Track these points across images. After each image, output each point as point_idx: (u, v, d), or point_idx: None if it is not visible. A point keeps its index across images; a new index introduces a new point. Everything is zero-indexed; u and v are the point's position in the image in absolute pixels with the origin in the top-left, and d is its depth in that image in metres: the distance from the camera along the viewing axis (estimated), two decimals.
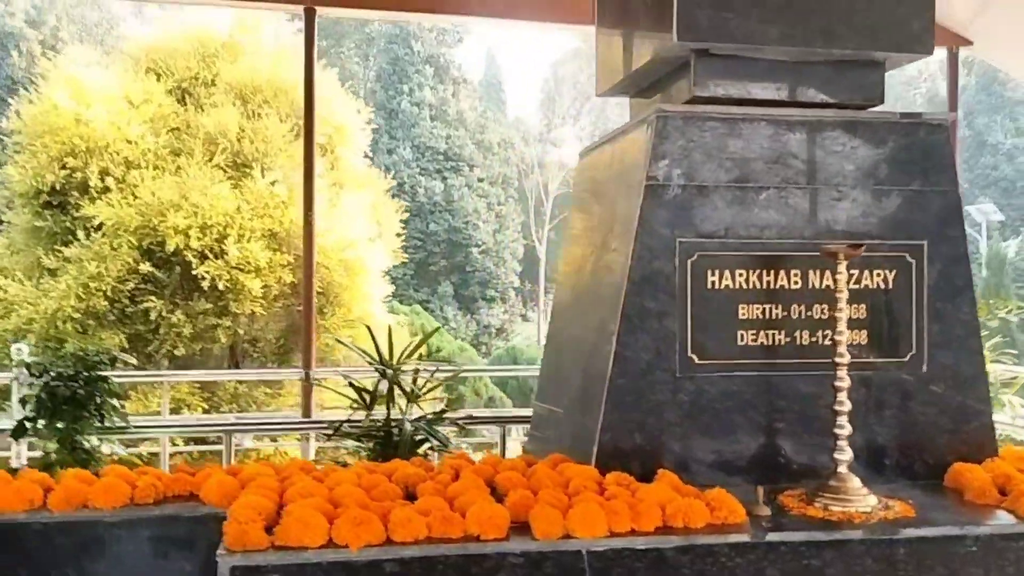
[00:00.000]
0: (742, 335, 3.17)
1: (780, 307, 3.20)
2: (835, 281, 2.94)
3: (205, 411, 8.76)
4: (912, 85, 28.67)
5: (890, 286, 3.24)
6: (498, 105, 38.92)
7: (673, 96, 3.49)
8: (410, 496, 2.78)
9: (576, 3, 6.04)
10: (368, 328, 4.98)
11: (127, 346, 8.64)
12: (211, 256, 8.80)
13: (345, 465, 3.81)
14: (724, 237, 3.16)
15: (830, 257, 2.95)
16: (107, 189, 8.94)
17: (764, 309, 3.19)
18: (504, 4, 6.72)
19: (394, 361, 4.64)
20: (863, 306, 3.23)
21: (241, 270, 8.87)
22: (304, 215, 7.38)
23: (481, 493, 2.68)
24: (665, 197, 3.13)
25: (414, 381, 4.70)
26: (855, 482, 2.88)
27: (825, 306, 3.20)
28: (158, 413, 8.21)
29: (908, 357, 3.25)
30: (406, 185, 27.73)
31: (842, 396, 2.92)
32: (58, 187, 9.04)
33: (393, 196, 12.64)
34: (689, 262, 3.13)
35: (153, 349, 8.83)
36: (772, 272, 3.18)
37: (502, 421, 5.44)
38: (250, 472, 2.92)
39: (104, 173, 9.06)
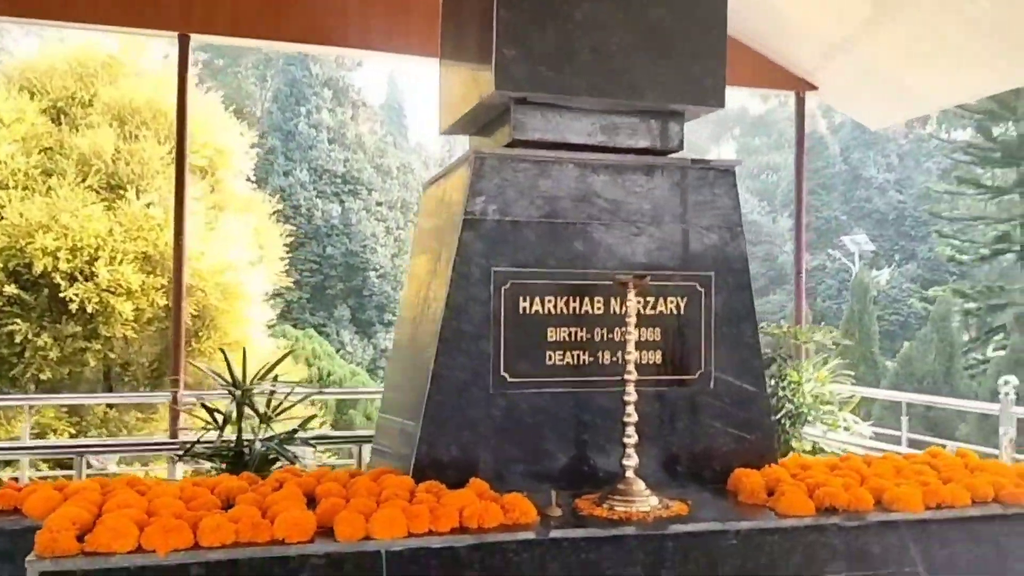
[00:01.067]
0: (550, 355, 3.51)
1: (585, 330, 3.55)
2: (625, 308, 3.31)
3: (72, 436, 8.60)
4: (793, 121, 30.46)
5: (682, 312, 3.65)
6: (399, 130, 39.11)
7: (498, 138, 3.84)
8: (230, 507, 2.97)
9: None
10: (223, 351, 5.12)
11: None
12: (80, 278, 8.70)
13: None
14: (535, 267, 3.49)
15: (621, 286, 3.32)
16: None
17: (570, 332, 3.53)
18: (365, 36, 7.01)
19: (246, 383, 4.80)
20: (658, 329, 3.62)
21: (112, 292, 8.79)
22: (175, 238, 7.42)
23: (295, 502, 2.90)
24: (481, 230, 3.44)
25: (268, 403, 4.87)
26: (639, 485, 3.24)
27: (625, 329, 3.56)
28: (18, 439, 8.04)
29: (697, 375, 3.66)
30: (302, 208, 27.52)
31: (630, 409, 3.27)
32: None
33: (287, 219, 12.71)
34: (503, 289, 3.45)
35: (18, 373, 8.63)
36: (578, 299, 3.54)
37: (355, 440, 5.63)
38: (75, 487, 3.06)
39: None
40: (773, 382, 5.45)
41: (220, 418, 4.86)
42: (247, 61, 33.53)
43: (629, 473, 3.27)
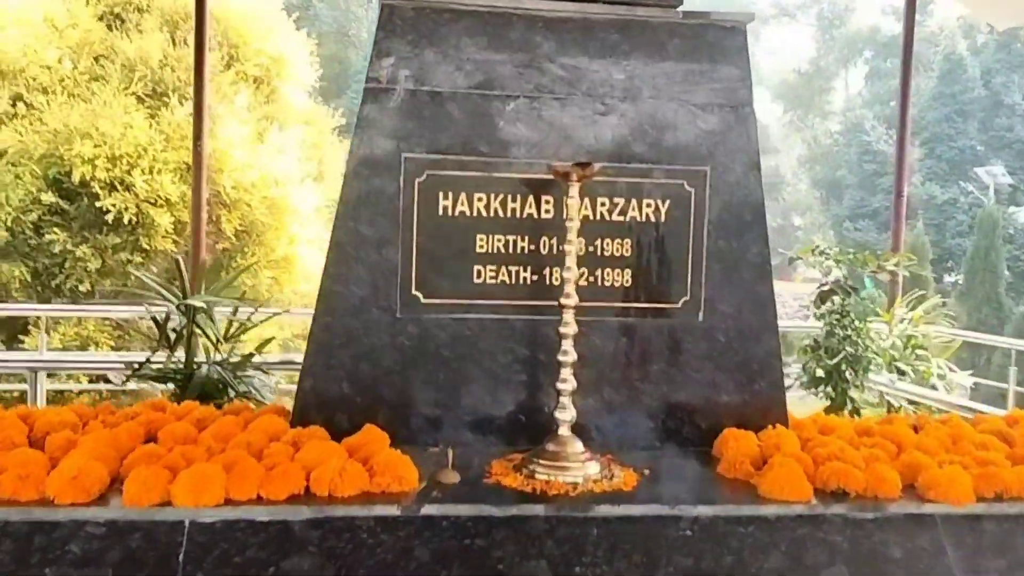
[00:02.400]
0: (479, 271, 2.69)
1: (527, 239, 2.70)
2: (566, 209, 2.45)
3: (113, 348, 8.42)
4: (932, 42, 27.41)
5: (662, 219, 2.74)
6: None
7: None
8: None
9: None
10: (175, 259, 4.53)
11: (29, 280, 8.31)
12: (119, 188, 8.38)
13: None
14: (461, 154, 2.66)
15: (561, 178, 2.45)
16: (17, 115, 8.52)
17: (507, 241, 2.70)
18: None
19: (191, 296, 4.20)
20: (628, 241, 2.73)
21: (151, 203, 8.46)
22: (193, 145, 6.90)
23: (100, 449, 2.25)
24: (389, 103, 2.63)
25: (229, 324, 4.27)
26: (575, 446, 2.42)
27: (583, 240, 2.70)
28: (56, 349, 7.91)
29: (681, 303, 2.76)
30: None
31: (567, 345, 2.44)
32: None
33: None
34: (417, 182, 2.64)
35: (59, 283, 8.47)
36: (519, 198, 2.69)
37: None
38: None
39: (16, 99, 8.64)
40: (833, 319, 4.43)
41: (172, 336, 4.33)
42: None
43: (563, 430, 2.45)
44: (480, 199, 2.67)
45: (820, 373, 4.42)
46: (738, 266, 2.76)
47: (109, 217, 8.23)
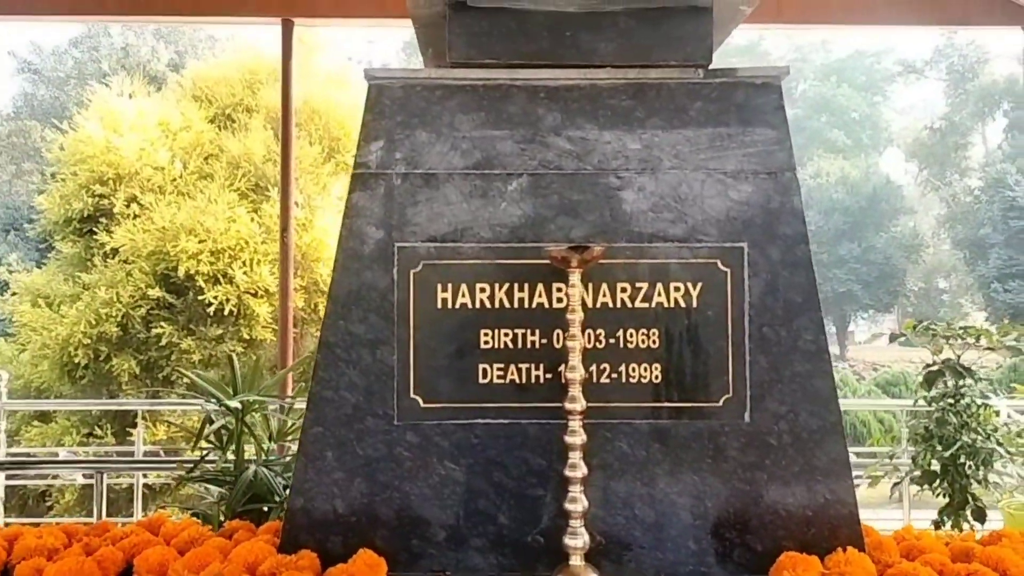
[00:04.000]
0: (485, 370, 2.39)
1: (538, 332, 2.39)
2: (567, 297, 2.13)
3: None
4: None
5: (694, 304, 2.36)
6: None
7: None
8: None
9: None
10: (231, 356, 4.44)
11: (139, 372, 8.60)
12: (222, 281, 8.63)
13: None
14: (460, 241, 2.40)
15: (560, 264, 2.14)
16: (131, 215, 8.99)
17: (515, 335, 2.39)
18: None
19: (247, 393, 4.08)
20: (655, 331, 2.37)
21: (251, 295, 8.65)
22: (280, 236, 7.01)
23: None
24: (379, 189, 2.41)
25: (266, 420, 4.12)
26: None
27: (602, 331, 2.36)
28: (159, 442, 8.10)
29: (722, 401, 2.35)
30: None
31: (575, 457, 2.09)
32: (86, 214, 9.17)
33: None
34: (412, 273, 2.39)
35: (167, 375, 8.73)
36: (526, 286, 2.39)
37: None
38: None
39: (131, 200, 9.14)
40: (945, 404, 3.83)
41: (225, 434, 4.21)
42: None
43: (574, 560, 2.09)
44: (483, 289, 2.39)
45: (935, 466, 3.81)
46: (789, 357, 2.35)
47: (212, 309, 8.47)
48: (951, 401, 3.79)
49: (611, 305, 2.37)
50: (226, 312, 8.51)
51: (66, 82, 37.95)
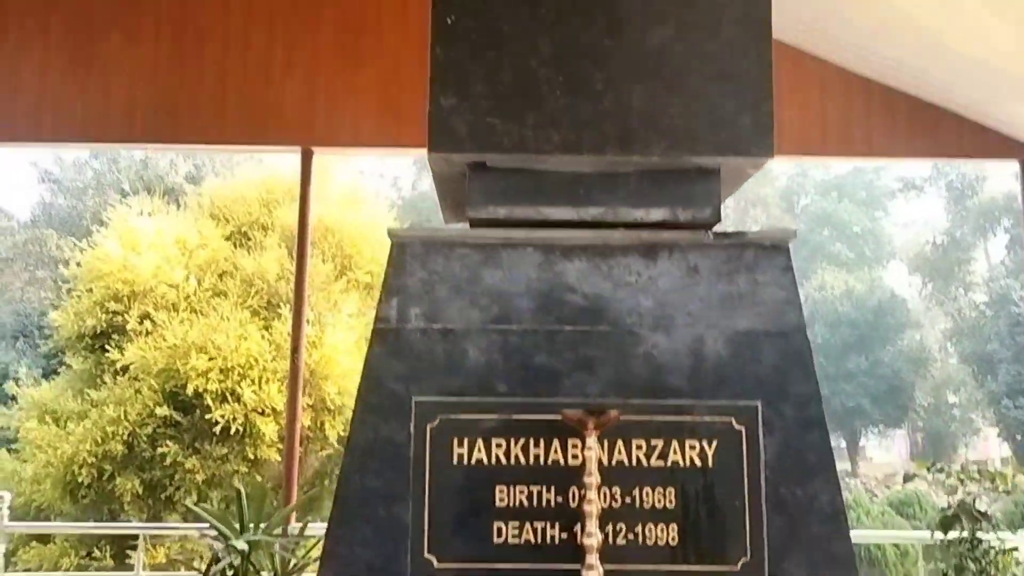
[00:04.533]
0: (500, 529, 2.38)
1: (553, 490, 2.39)
2: (583, 459, 2.15)
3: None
4: None
5: (710, 463, 2.37)
6: None
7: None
8: None
9: None
10: (239, 489, 4.40)
11: (142, 492, 8.49)
12: (229, 399, 8.62)
13: None
14: (477, 395, 2.43)
15: (578, 424, 2.16)
16: (143, 332, 9.07)
17: (531, 493, 2.39)
18: None
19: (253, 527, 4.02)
20: (671, 490, 2.36)
21: (258, 413, 8.63)
22: (291, 357, 7.05)
23: None
24: (398, 344, 2.46)
25: (275, 558, 4.04)
26: None
27: (617, 489, 2.36)
28: (160, 566, 7.92)
29: (740, 565, 2.32)
30: None
31: None
32: (99, 331, 9.26)
33: None
34: (429, 428, 2.41)
35: (169, 495, 8.62)
36: (542, 442, 2.40)
37: None
38: None
39: (144, 317, 9.23)
40: (963, 550, 3.74)
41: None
42: None
43: None
44: (499, 445, 2.40)
45: None
46: (806, 519, 2.33)
47: (218, 428, 8.43)
48: (969, 547, 3.72)
49: (627, 463, 2.37)
50: (232, 431, 8.47)
51: (84, 192, 38.90)
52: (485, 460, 2.40)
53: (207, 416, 8.45)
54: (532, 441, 2.40)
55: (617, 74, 2.57)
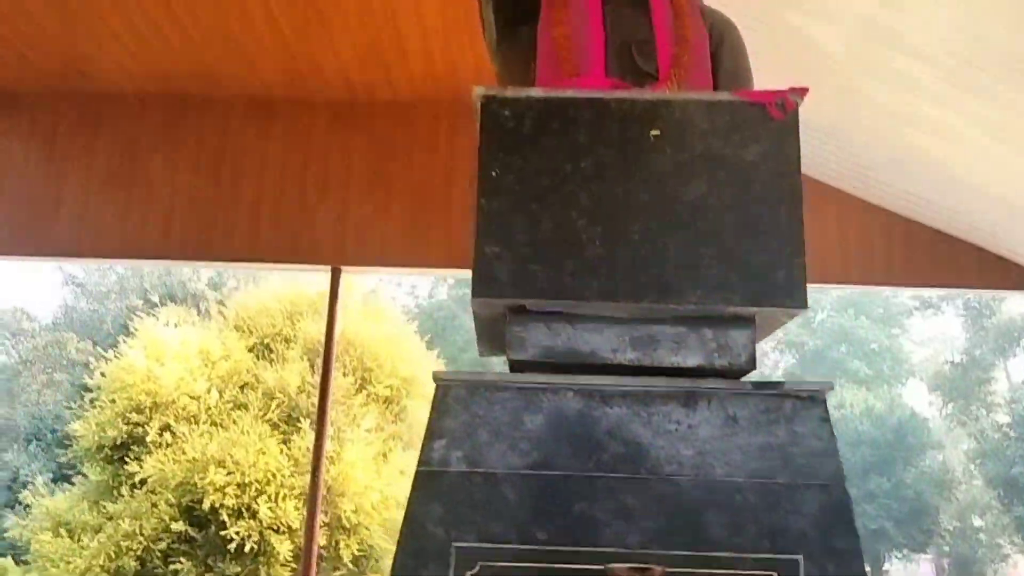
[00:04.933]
0: None
1: None
2: None
3: None
4: None
5: None
6: None
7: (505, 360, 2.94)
8: None
9: None
10: None
11: None
12: (245, 515, 8.56)
13: None
14: (517, 542, 2.43)
15: None
16: (162, 445, 9.10)
17: None
18: None
19: None
20: None
21: (274, 530, 8.53)
22: (311, 475, 7.04)
23: None
24: (439, 488, 2.48)
25: None
26: None
27: None
28: None
29: None
30: None
31: None
32: (119, 442, 9.29)
33: None
34: (469, 575, 2.41)
35: None
36: None
37: None
38: None
39: (164, 429, 9.29)
40: None
41: None
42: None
43: None
44: None
45: None
46: None
47: (232, 545, 8.33)
48: None
49: None
50: (247, 549, 8.36)
51: (107, 296, 39.49)
52: None
53: (222, 532, 8.36)
54: None
55: (653, 226, 2.68)
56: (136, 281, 35.31)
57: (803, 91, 2.53)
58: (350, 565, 9.04)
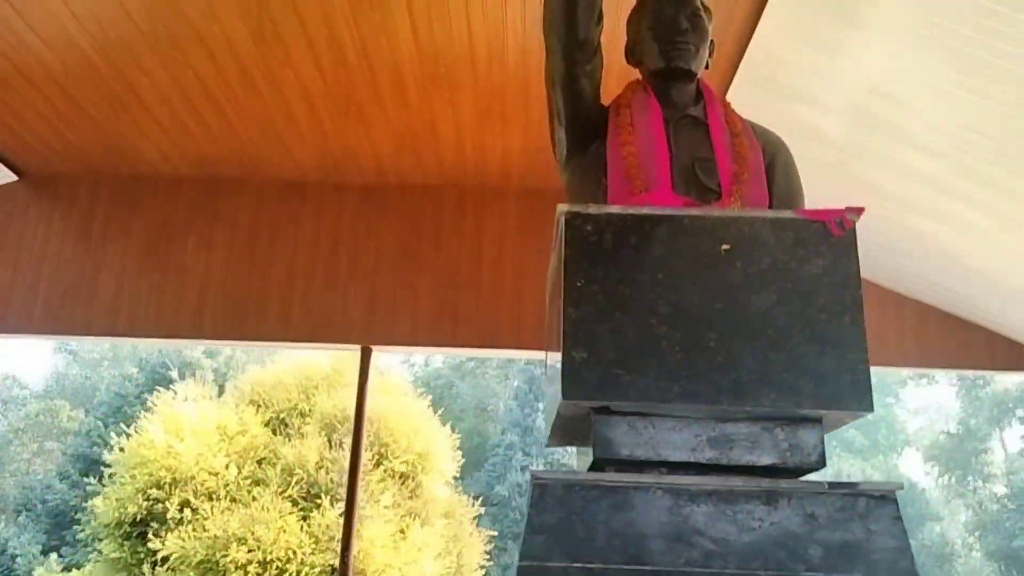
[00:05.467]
0: None
1: None
2: None
3: None
4: None
5: None
6: None
7: (587, 458, 3.14)
8: None
9: None
10: None
11: None
12: None
13: None
14: None
15: None
16: (183, 521, 9.12)
17: None
18: (531, 338, 6.78)
19: None
20: None
21: None
22: (340, 556, 7.10)
23: None
24: None
25: None
26: None
27: None
28: None
29: None
30: None
31: None
32: (139, 518, 9.31)
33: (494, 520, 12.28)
34: None
35: None
36: None
37: None
38: None
39: (184, 505, 9.32)
40: None
41: None
42: (492, 363, 35.61)
43: None
44: None
45: None
46: None
47: None
48: None
49: None
50: None
51: (99, 363, 39.16)
52: None
53: None
54: None
55: (727, 333, 2.92)
56: (128, 349, 35.11)
57: (859, 210, 2.83)
58: None
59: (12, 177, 7.85)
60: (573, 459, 28.34)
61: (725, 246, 2.99)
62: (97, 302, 7.60)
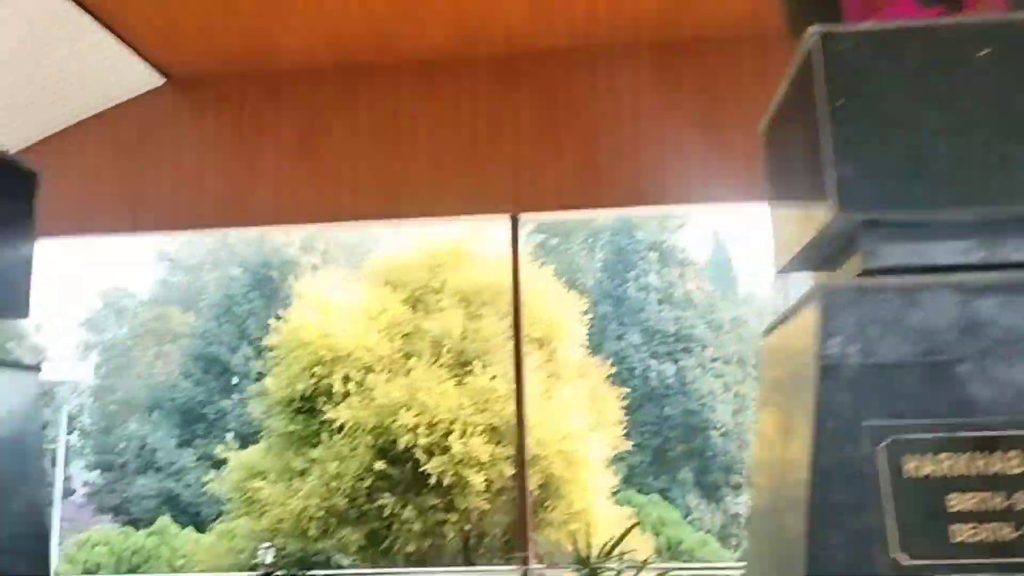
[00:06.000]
0: (956, 530, 2.77)
1: (1001, 496, 2.78)
2: None
3: None
4: None
5: None
6: (728, 283, 38.44)
7: (847, 270, 3.33)
8: None
9: None
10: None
11: (365, 543, 9.07)
12: (438, 452, 9.20)
13: None
14: (918, 417, 2.85)
15: None
16: (348, 394, 9.78)
17: (980, 499, 2.78)
18: (685, 191, 6.90)
19: (592, 558, 4.51)
20: None
21: (466, 464, 9.17)
22: (516, 412, 7.58)
23: None
24: (842, 378, 2.90)
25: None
26: None
27: None
28: None
29: None
30: (637, 370, 27.70)
31: None
32: (307, 394, 10.00)
33: (623, 382, 12.76)
34: (879, 448, 2.84)
35: (387, 546, 9.18)
36: (985, 454, 2.80)
37: None
38: None
39: (346, 379, 9.96)
40: None
41: None
42: (576, 237, 35.73)
43: None
44: (946, 459, 2.81)
45: None
46: None
47: (431, 480, 9.00)
48: None
49: None
50: (445, 483, 9.02)
51: (200, 268, 40.66)
52: (933, 473, 2.81)
53: (419, 469, 9.03)
54: (974, 455, 2.80)
55: (995, 136, 3.01)
56: (225, 253, 36.32)
57: None
58: (537, 491, 9.66)
59: (160, 80, 8.11)
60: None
61: (985, 51, 3.03)
62: (258, 194, 7.95)
